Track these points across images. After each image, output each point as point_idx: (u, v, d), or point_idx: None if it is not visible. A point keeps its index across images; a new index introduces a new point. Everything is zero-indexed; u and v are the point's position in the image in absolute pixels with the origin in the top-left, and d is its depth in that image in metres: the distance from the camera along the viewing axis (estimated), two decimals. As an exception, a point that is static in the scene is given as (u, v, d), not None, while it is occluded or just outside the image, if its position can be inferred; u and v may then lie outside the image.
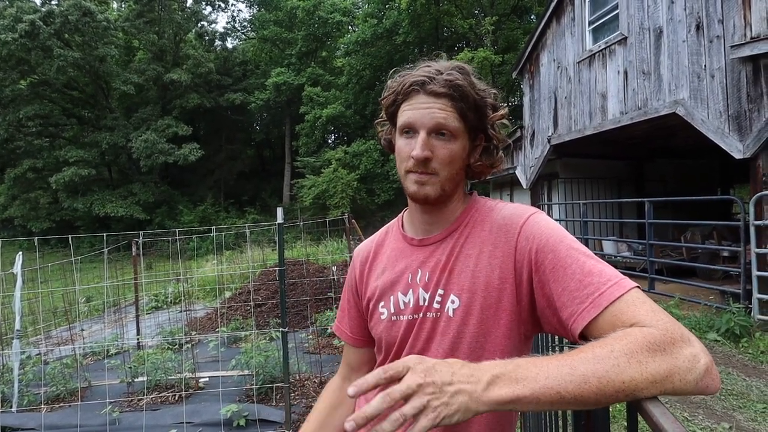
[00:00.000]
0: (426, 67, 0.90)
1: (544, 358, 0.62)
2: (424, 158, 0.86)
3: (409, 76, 0.89)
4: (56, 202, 24.88)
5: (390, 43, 22.83)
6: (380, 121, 1.02)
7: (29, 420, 3.68)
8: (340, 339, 1.12)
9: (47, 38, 21.45)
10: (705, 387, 0.60)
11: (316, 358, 4.64)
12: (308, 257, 9.85)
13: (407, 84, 0.88)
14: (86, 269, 11.01)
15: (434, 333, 0.90)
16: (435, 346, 0.90)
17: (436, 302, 0.90)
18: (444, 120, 0.86)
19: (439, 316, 0.90)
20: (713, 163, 10.92)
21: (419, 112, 0.87)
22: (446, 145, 0.87)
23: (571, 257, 0.78)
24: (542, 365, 0.60)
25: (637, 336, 0.61)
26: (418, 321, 0.92)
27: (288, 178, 28.03)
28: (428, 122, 0.86)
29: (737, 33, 5.44)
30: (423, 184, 0.88)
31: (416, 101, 0.87)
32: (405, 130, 0.90)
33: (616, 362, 0.58)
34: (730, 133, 5.52)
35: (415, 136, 0.88)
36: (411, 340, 0.93)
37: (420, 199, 0.90)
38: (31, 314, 6.18)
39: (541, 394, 0.58)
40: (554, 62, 9.15)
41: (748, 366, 4.19)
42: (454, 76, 0.86)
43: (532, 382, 0.58)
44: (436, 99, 0.86)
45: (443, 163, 0.88)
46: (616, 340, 0.61)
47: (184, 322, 6.72)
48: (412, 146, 0.87)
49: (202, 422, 3.49)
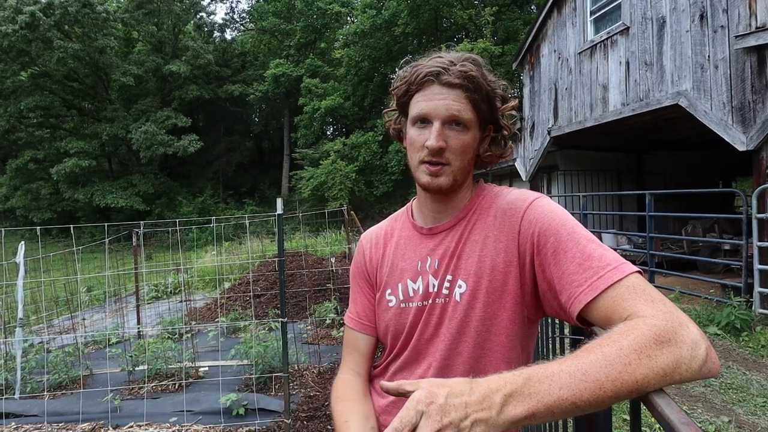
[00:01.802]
0: (438, 57, 0.90)
1: (553, 364, 0.60)
2: (439, 148, 0.86)
3: (422, 66, 0.89)
4: (57, 192, 24.95)
5: (389, 34, 22.66)
6: (389, 110, 1.02)
7: (32, 407, 3.70)
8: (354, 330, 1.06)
9: (47, 30, 21.39)
10: (707, 372, 0.59)
11: (314, 348, 4.66)
12: (307, 248, 9.86)
13: (422, 74, 0.88)
14: (87, 259, 11.03)
15: (443, 318, 0.91)
16: (443, 332, 0.90)
17: (445, 288, 0.91)
18: (458, 111, 0.86)
19: (447, 302, 0.91)
20: (714, 155, 10.87)
21: (434, 103, 0.87)
22: (459, 135, 0.88)
23: (572, 241, 0.78)
24: (554, 375, 0.58)
25: (643, 329, 0.60)
26: (427, 307, 0.93)
27: (287, 170, 28.00)
28: (443, 113, 0.86)
29: (742, 23, 5.39)
30: (436, 175, 0.89)
31: (430, 92, 0.88)
32: (419, 121, 0.90)
33: (627, 361, 0.57)
34: (733, 125, 5.49)
35: (429, 126, 0.88)
36: (420, 326, 0.93)
37: (433, 189, 0.91)
38: (33, 303, 6.20)
39: (556, 406, 0.56)
40: (555, 53, 9.08)
41: (749, 360, 4.20)
42: (468, 67, 0.87)
43: (546, 396, 0.57)
44: (450, 90, 0.87)
45: (456, 153, 0.88)
46: (623, 335, 0.60)
47: (183, 312, 6.74)
48: (425, 136, 0.88)
49: (201, 411, 3.51)
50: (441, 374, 0.89)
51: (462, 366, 0.89)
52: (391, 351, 1.00)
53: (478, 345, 0.88)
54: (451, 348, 0.89)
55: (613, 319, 0.67)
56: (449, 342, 0.89)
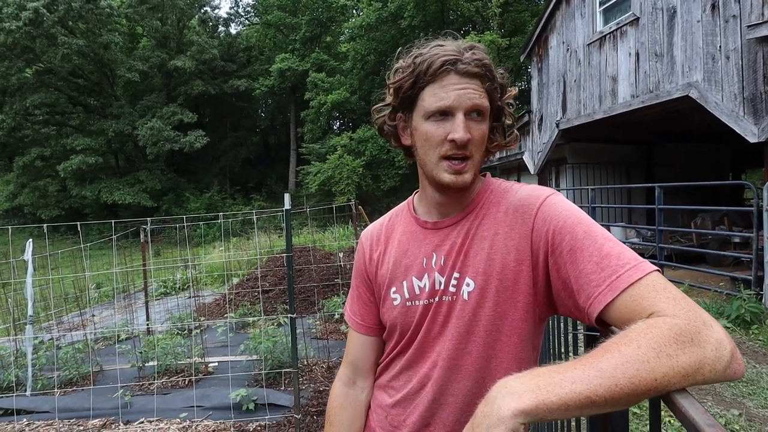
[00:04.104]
0: (439, 46, 0.86)
1: (565, 364, 0.58)
2: (468, 140, 0.83)
3: (432, 55, 0.84)
4: (64, 190, 25.12)
5: (395, 27, 22.51)
6: (381, 106, 0.96)
7: (43, 403, 3.74)
8: (350, 327, 1.08)
9: (51, 26, 21.41)
10: (732, 373, 0.57)
11: (323, 343, 4.67)
12: (315, 244, 9.87)
13: (437, 64, 0.83)
14: (95, 256, 11.11)
15: (450, 317, 0.89)
16: (450, 330, 0.88)
17: (452, 286, 0.89)
18: (479, 100, 0.84)
19: (454, 300, 0.88)
20: (724, 147, 10.73)
21: (455, 93, 0.83)
22: (479, 126, 0.85)
23: (588, 239, 0.75)
24: (566, 371, 0.56)
25: (663, 328, 0.57)
26: (433, 305, 0.90)
27: (293, 165, 28.01)
28: (466, 103, 0.83)
29: (754, 12, 5.28)
30: (461, 172, 0.85)
31: (448, 81, 0.83)
32: (439, 113, 0.84)
33: (645, 359, 0.54)
34: (744, 116, 5.40)
35: (448, 119, 0.84)
36: (426, 324, 0.91)
37: (459, 188, 0.87)
38: (42, 300, 6.26)
39: (569, 399, 0.53)
40: (563, 45, 8.98)
41: (759, 353, 4.17)
42: (481, 55, 0.84)
43: (557, 387, 0.54)
44: (470, 79, 0.84)
45: (477, 145, 0.86)
46: (641, 333, 0.57)
47: (192, 307, 6.79)
48: (446, 129, 0.84)
49: (212, 406, 3.53)
50: (449, 374, 0.88)
51: (471, 366, 0.87)
52: (395, 347, 0.98)
53: (487, 345, 0.86)
54: (459, 347, 0.87)
55: (632, 319, 0.64)
56: (456, 341, 0.87)
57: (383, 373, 1.02)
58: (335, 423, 1.05)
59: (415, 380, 0.93)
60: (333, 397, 1.08)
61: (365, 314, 1.05)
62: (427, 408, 0.91)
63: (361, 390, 1.06)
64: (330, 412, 1.07)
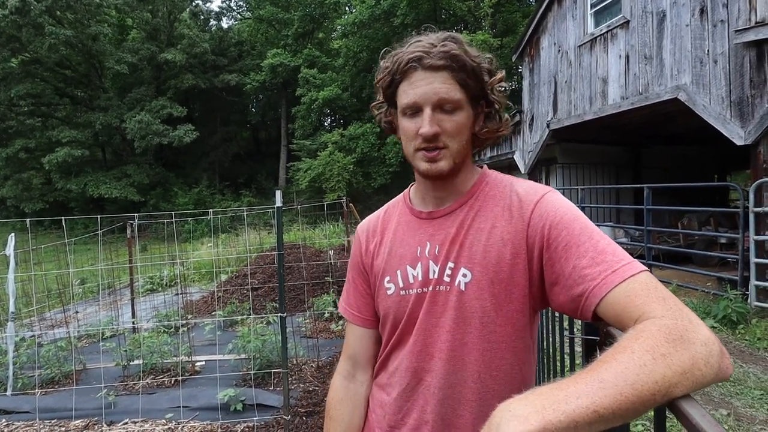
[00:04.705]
0: (417, 42, 0.88)
1: (565, 380, 0.56)
2: (433, 134, 0.85)
3: (403, 53, 0.87)
4: (49, 182, 24.64)
5: (388, 25, 22.45)
6: (377, 104, 1.00)
7: (24, 403, 3.65)
8: (346, 319, 1.08)
9: (38, 15, 20.94)
10: (725, 369, 0.57)
11: (313, 342, 4.64)
12: (305, 241, 9.81)
13: (403, 62, 0.86)
14: (80, 251, 10.93)
15: (446, 307, 0.89)
16: (447, 321, 0.88)
17: (446, 275, 0.89)
18: (446, 93, 0.85)
19: (449, 290, 0.88)
20: (709, 150, 10.90)
21: (421, 89, 0.85)
22: (452, 117, 0.86)
23: (585, 235, 0.77)
24: (567, 387, 0.54)
25: (652, 330, 0.58)
26: (428, 294, 0.90)
27: (284, 161, 27.83)
28: (431, 98, 0.85)
29: (742, 17, 5.35)
30: (434, 160, 0.87)
31: (415, 78, 0.86)
32: (409, 110, 0.88)
33: (642, 362, 0.54)
34: (731, 119, 5.47)
35: (420, 113, 0.86)
36: (422, 315, 0.91)
37: (434, 175, 0.89)
38: (24, 296, 6.13)
39: (577, 415, 0.50)
40: (555, 46, 9.02)
41: (745, 352, 4.23)
42: (450, 47, 0.85)
43: (562, 404, 0.51)
44: (435, 73, 0.85)
45: (452, 135, 0.87)
46: (633, 339, 0.58)
47: (179, 305, 6.69)
48: (418, 124, 0.86)
49: (198, 406, 3.47)
50: (453, 367, 0.88)
51: (468, 358, 0.87)
52: (390, 338, 0.97)
53: (483, 337, 0.86)
54: (456, 338, 0.87)
55: (624, 317, 0.66)
56: (453, 332, 0.87)
57: (381, 371, 1.02)
58: (335, 417, 1.06)
59: (413, 374, 0.92)
60: (333, 390, 1.09)
61: (362, 306, 1.05)
62: (426, 402, 0.91)
63: (361, 384, 1.06)
64: (330, 406, 1.08)
